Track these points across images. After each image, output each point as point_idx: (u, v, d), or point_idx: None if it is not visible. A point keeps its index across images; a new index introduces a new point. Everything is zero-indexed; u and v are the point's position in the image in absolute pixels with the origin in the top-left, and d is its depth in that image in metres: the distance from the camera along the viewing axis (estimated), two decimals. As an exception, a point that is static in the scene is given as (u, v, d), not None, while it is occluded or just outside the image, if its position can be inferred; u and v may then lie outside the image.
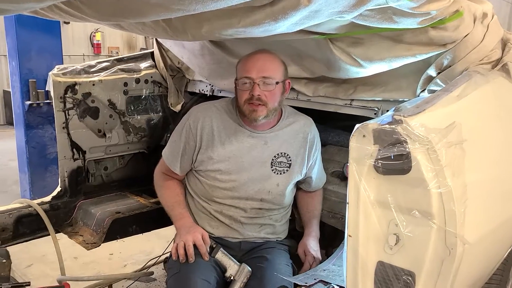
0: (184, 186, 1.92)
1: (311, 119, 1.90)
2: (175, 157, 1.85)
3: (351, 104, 1.85)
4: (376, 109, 1.77)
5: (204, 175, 1.81)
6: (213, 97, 2.33)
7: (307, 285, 1.50)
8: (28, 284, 1.65)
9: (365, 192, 1.07)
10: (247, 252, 1.80)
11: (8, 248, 1.91)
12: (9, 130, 7.29)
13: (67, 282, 1.80)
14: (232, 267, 1.66)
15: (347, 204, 1.11)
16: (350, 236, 1.10)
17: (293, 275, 1.71)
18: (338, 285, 1.47)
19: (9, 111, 7.63)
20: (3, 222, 2.07)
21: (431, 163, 1.01)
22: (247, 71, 1.70)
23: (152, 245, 3.05)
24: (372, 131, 1.06)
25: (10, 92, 6.93)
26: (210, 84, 2.43)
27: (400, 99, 1.69)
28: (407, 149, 1.01)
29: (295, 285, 1.60)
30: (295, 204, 1.99)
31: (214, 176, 1.79)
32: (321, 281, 1.53)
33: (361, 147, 1.06)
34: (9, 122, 7.77)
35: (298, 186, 1.94)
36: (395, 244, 1.06)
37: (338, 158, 2.05)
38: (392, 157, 1.03)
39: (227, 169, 1.78)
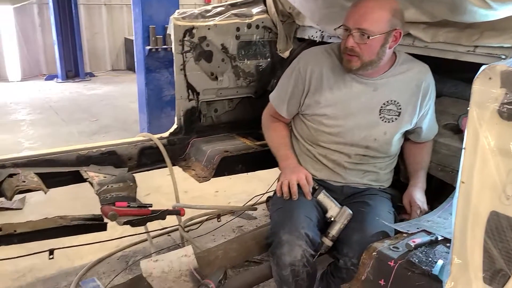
0: (290, 129, 1.98)
1: (427, 66, 1.80)
2: (282, 100, 1.90)
3: (474, 51, 1.71)
4: (504, 57, 1.62)
5: (311, 119, 1.84)
6: (322, 43, 2.30)
7: (409, 232, 1.50)
8: (151, 205, 1.87)
9: (485, 138, 1.01)
10: (348, 197, 1.83)
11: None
12: (129, 75, 7.97)
13: (183, 208, 2.00)
14: (333, 208, 1.70)
15: (463, 149, 1.07)
16: (463, 182, 1.06)
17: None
18: (442, 236, 1.45)
19: (129, 57, 8.29)
20: (129, 152, 2.32)
21: None
22: (346, 19, 1.66)
23: (254, 186, 3.21)
24: (500, 73, 0.98)
25: (130, 39, 7.56)
26: (320, 30, 2.41)
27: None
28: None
29: (396, 232, 1.60)
30: (401, 155, 1.94)
31: (320, 120, 1.81)
32: (424, 230, 1.51)
33: (486, 90, 1.00)
34: (129, 68, 8.48)
35: (407, 136, 1.89)
36: (514, 195, 1.00)
37: (453, 110, 1.94)
38: (520, 102, 0.96)
39: (333, 114, 1.78)
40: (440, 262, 1.32)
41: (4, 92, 6.69)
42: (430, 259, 1.34)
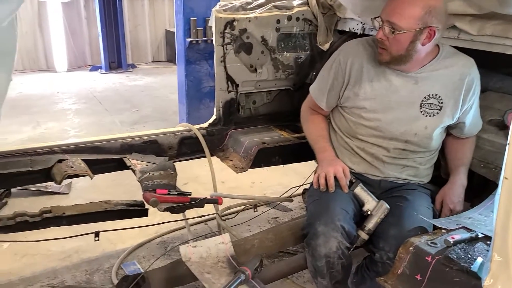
0: (329, 121, 1.98)
1: (472, 60, 1.76)
2: (322, 92, 1.90)
3: (523, 45, 1.65)
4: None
5: (349, 111, 1.84)
6: (363, 36, 2.27)
7: (448, 229, 1.48)
8: (190, 193, 1.93)
9: (530, 134, 0.99)
10: (386, 191, 1.82)
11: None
12: (169, 67, 8.13)
13: (220, 197, 2.05)
14: (370, 202, 1.70)
15: (507, 145, 1.04)
16: (506, 178, 1.04)
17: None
18: (483, 234, 1.42)
19: (170, 49, 8.45)
20: (170, 141, 2.39)
21: None
22: (382, 10, 1.65)
23: (290, 179, 3.22)
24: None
25: (171, 31, 7.68)
26: (361, 22, 2.38)
27: None
28: None
29: (435, 228, 1.58)
30: (442, 150, 1.91)
31: (359, 113, 1.80)
32: (464, 227, 1.48)
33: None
34: (169, 59, 8.63)
35: (449, 131, 1.85)
36: (560, 193, 0.98)
37: (499, 106, 1.88)
38: None
39: (372, 108, 1.77)
40: (479, 260, 1.29)
41: (52, 82, 6.98)
42: (469, 256, 1.33)
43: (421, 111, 1.74)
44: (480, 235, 1.42)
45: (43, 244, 2.33)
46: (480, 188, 1.90)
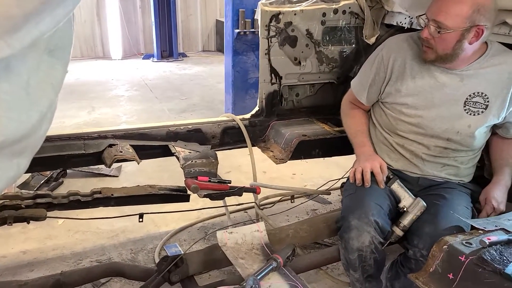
0: (369, 116, 1.98)
1: None
2: (363, 86, 1.90)
3: None
4: None
5: (390, 107, 1.83)
6: (411, 30, 2.24)
7: (486, 229, 1.45)
8: (229, 182, 2.00)
9: None
10: (424, 188, 1.80)
11: (216, 152, 2.31)
12: (218, 56, 8.27)
13: (259, 186, 2.11)
14: (406, 199, 1.70)
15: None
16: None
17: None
18: (522, 237, 1.39)
19: (219, 39, 8.59)
20: (213, 130, 2.47)
21: None
22: (428, 8, 1.62)
23: (331, 172, 3.23)
24: None
25: (221, 21, 7.80)
26: (409, 16, 2.33)
27: None
28: None
29: (472, 228, 1.56)
30: (486, 149, 1.86)
31: (400, 109, 1.79)
32: (502, 229, 1.45)
33: None
34: (218, 49, 8.78)
35: (495, 130, 1.80)
36: None
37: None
38: None
39: (414, 104, 1.76)
40: (515, 262, 1.27)
41: (107, 69, 7.32)
42: (504, 257, 1.30)
43: (465, 109, 1.71)
44: (518, 238, 1.39)
45: (94, 222, 2.49)
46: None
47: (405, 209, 1.68)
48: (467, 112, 1.71)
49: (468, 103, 1.70)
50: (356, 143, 1.90)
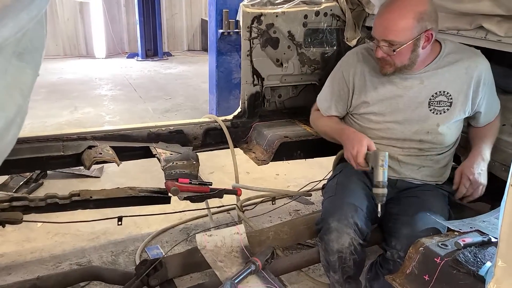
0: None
1: (477, 51, 1.75)
2: (328, 103, 1.95)
3: (550, 48, 1.61)
4: None
5: (359, 117, 1.86)
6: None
7: (461, 231, 1.48)
8: (210, 184, 1.99)
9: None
10: (402, 191, 1.82)
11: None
12: (203, 55, 8.24)
13: (240, 188, 2.11)
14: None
15: (515, 153, 1.05)
16: (512, 186, 1.05)
17: (449, 221, 1.67)
18: (496, 238, 1.41)
19: (205, 38, 8.55)
20: (195, 132, 2.46)
21: None
22: (373, 30, 1.67)
23: (314, 172, 3.24)
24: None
25: (206, 20, 7.76)
26: (389, 19, 2.36)
27: None
28: None
29: (449, 230, 1.58)
30: (462, 148, 1.89)
31: (369, 118, 1.82)
32: (477, 230, 1.48)
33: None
34: (204, 48, 8.75)
35: (468, 121, 1.85)
36: None
37: (525, 109, 1.84)
38: None
39: (381, 111, 1.78)
40: (489, 264, 1.30)
41: (90, 68, 7.23)
42: (478, 259, 1.33)
43: (430, 109, 1.74)
44: (493, 239, 1.42)
45: (74, 224, 2.46)
46: (501, 191, 1.87)
47: (371, 169, 1.63)
48: (433, 112, 1.74)
49: (432, 103, 1.74)
50: (337, 133, 1.85)
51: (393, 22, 1.60)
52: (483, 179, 1.68)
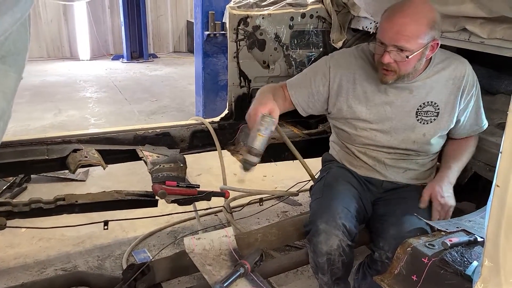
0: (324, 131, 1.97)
1: (465, 60, 1.75)
2: (300, 88, 1.83)
3: (532, 50, 1.64)
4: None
5: (345, 122, 1.84)
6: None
7: (447, 231, 1.49)
8: (198, 186, 1.98)
9: (523, 143, 1.00)
10: (388, 191, 1.83)
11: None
12: (189, 57, 8.21)
13: (228, 190, 2.10)
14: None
15: (499, 154, 1.06)
16: (498, 186, 1.06)
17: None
18: (482, 237, 1.43)
19: (191, 40, 8.50)
20: (182, 134, 2.45)
21: None
22: (382, 34, 1.60)
23: (302, 173, 3.22)
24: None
25: (192, 22, 7.74)
26: (374, 21, 2.38)
27: None
28: None
29: (433, 230, 1.59)
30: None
31: (355, 124, 1.81)
32: (463, 230, 1.49)
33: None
34: (190, 50, 8.70)
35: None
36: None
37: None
38: None
39: (368, 118, 1.78)
40: (475, 263, 1.31)
41: (75, 70, 7.15)
42: (464, 259, 1.34)
43: (418, 119, 1.74)
44: (479, 239, 1.43)
45: (59, 229, 2.42)
46: (486, 191, 1.90)
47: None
48: (420, 122, 1.74)
49: (419, 113, 1.73)
50: (260, 93, 1.79)
51: (407, 27, 1.53)
52: (452, 201, 1.67)
